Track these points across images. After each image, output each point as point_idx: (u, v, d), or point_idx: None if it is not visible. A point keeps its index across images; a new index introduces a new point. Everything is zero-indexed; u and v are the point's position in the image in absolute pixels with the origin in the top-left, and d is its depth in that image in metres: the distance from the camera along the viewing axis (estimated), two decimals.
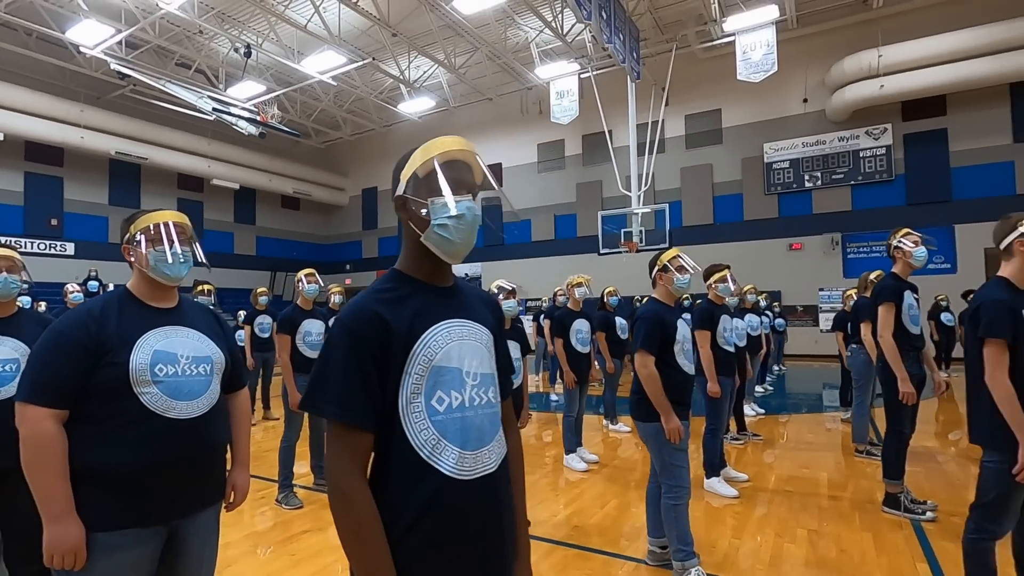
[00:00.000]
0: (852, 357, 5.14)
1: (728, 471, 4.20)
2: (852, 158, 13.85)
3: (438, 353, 1.01)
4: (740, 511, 3.60)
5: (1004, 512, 2.14)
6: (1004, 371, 2.09)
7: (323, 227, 23.17)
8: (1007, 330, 2.09)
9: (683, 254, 2.88)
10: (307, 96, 17.43)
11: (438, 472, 0.97)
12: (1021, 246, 2.19)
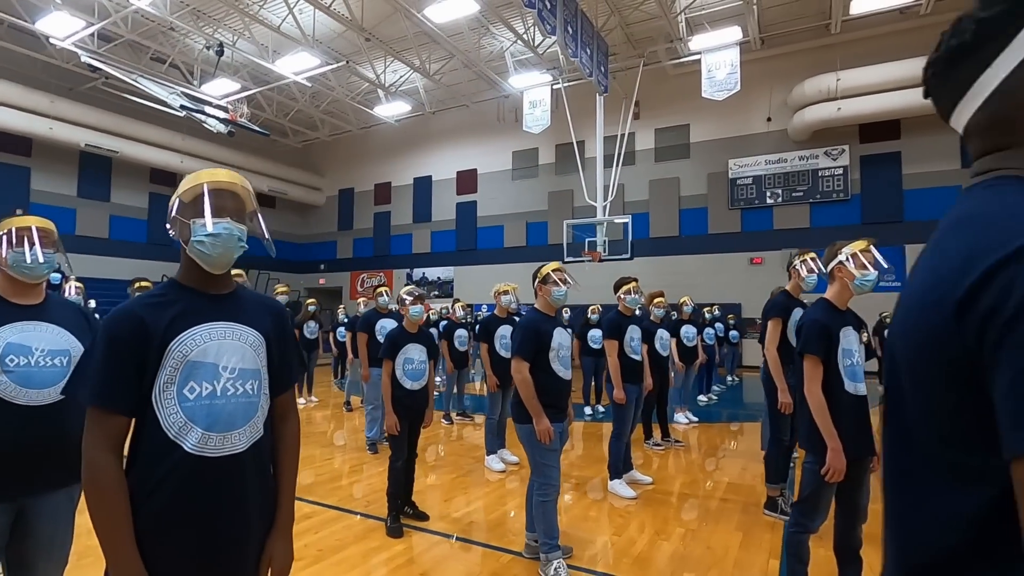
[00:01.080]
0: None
1: (633, 474, 4.42)
2: (811, 177, 14.30)
3: (195, 350, 1.19)
4: (632, 511, 3.81)
5: (815, 509, 2.38)
6: (817, 384, 2.33)
7: (299, 226, 23.17)
8: (820, 348, 2.32)
9: (565, 268, 3.08)
10: (283, 96, 17.49)
11: (181, 448, 1.15)
12: (839, 272, 2.44)
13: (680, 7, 12.78)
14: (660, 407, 5.80)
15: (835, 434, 2.26)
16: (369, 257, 21.41)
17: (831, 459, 2.25)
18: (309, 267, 22.69)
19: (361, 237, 21.76)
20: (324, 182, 22.58)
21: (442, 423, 6.98)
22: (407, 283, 20.25)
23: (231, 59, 14.77)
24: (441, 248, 19.77)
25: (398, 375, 3.39)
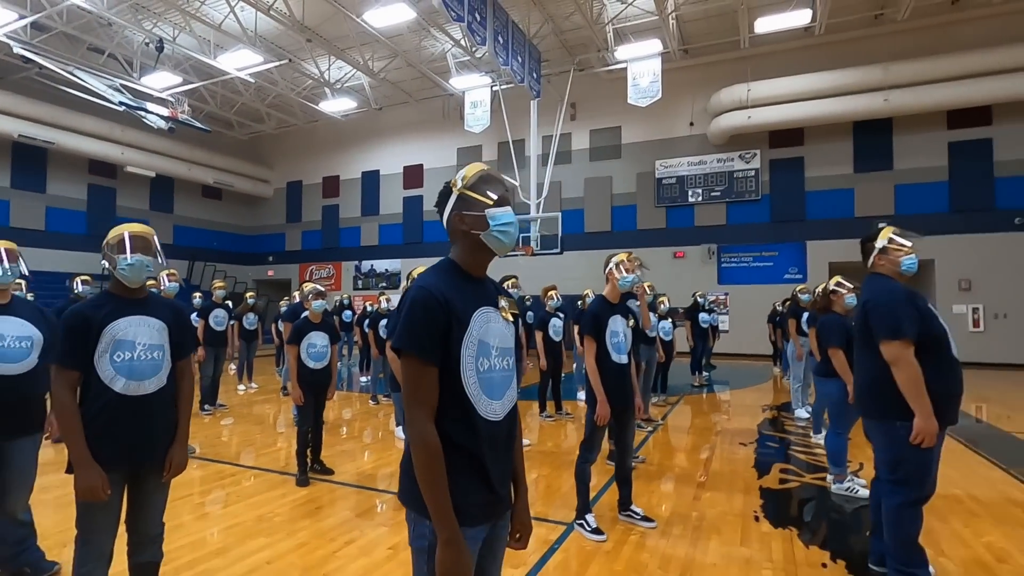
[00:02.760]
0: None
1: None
2: (728, 178, 15.59)
3: (119, 332, 1.96)
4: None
5: (592, 445, 3.32)
6: (592, 356, 3.27)
7: (246, 218, 23.20)
8: (594, 331, 3.26)
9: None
10: (227, 90, 17.60)
11: (112, 391, 1.92)
12: (610, 276, 3.38)
13: (607, 18, 13.73)
14: (555, 386, 6.75)
15: (603, 391, 3.21)
16: (318, 249, 21.74)
17: (599, 409, 3.19)
18: (257, 259, 22.82)
19: (310, 229, 22.04)
20: (272, 174, 22.68)
21: (370, 403, 7.81)
22: (355, 273, 20.74)
23: (172, 52, 14.86)
24: (389, 241, 20.31)
25: (303, 357, 4.17)
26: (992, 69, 12.49)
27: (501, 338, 1.44)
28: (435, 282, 1.36)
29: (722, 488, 4.18)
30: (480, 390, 1.36)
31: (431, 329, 1.31)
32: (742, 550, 3.09)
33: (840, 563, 2.92)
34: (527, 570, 2.87)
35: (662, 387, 7.97)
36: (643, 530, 3.37)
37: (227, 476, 4.42)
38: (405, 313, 1.33)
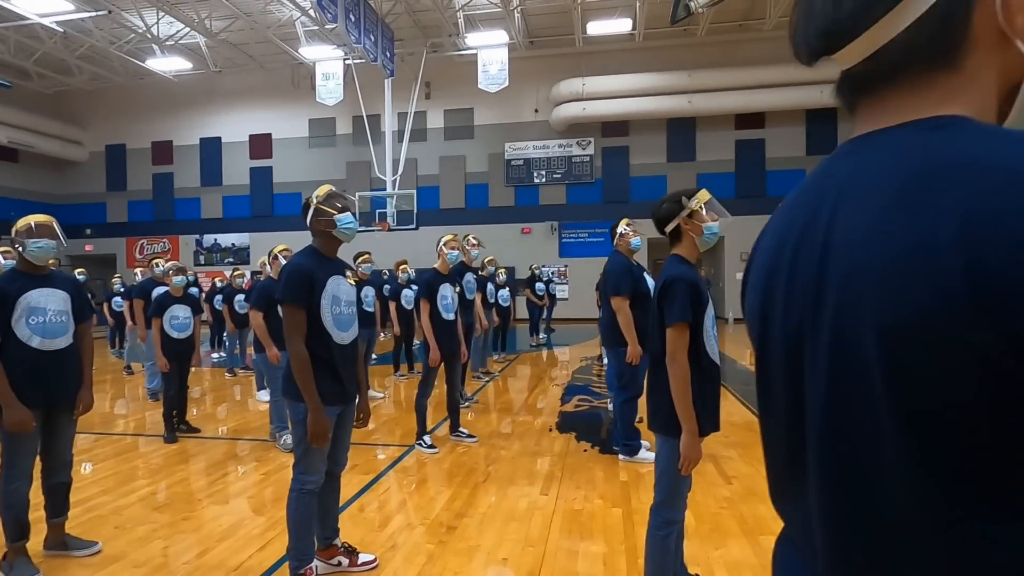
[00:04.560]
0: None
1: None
2: (568, 162, 17.42)
3: (32, 300, 2.45)
4: None
5: (428, 383, 4.27)
6: (427, 315, 4.20)
7: (54, 185, 20.26)
8: (427, 294, 4.18)
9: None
10: (23, 35, 15.21)
11: (29, 346, 2.42)
12: (441, 252, 4.32)
13: (457, 5, 14.44)
14: (407, 349, 7.64)
15: (435, 340, 4.16)
16: (149, 222, 19.84)
17: (431, 354, 4.15)
18: (72, 232, 20.01)
19: (138, 200, 19.96)
20: (85, 135, 19.98)
21: (226, 375, 8.06)
22: (196, 248, 19.40)
23: None
24: (234, 214, 19.26)
25: (166, 328, 4.56)
26: (767, 83, 15.56)
27: (347, 294, 2.32)
28: (303, 261, 2.21)
29: (532, 414, 5.46)
30: (333, 325, 2.23)
31: (301, 288, 2.15)
32: (534, 447, 4.33)
33: (595, 448, 4.27)
34: (377, 473, 3.79)
35: (502, 346, 9.24)
36: (468, 445, 4.46)
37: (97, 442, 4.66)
38: (285, 280, 2.16)
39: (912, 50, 0.48)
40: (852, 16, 0.50)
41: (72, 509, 2.83)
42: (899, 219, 0.44)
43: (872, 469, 0.46)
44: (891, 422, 0.43)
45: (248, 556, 2.67)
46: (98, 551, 2.72)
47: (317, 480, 2.27)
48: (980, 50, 0.47)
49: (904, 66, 0.49)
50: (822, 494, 0.50)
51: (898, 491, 0.44)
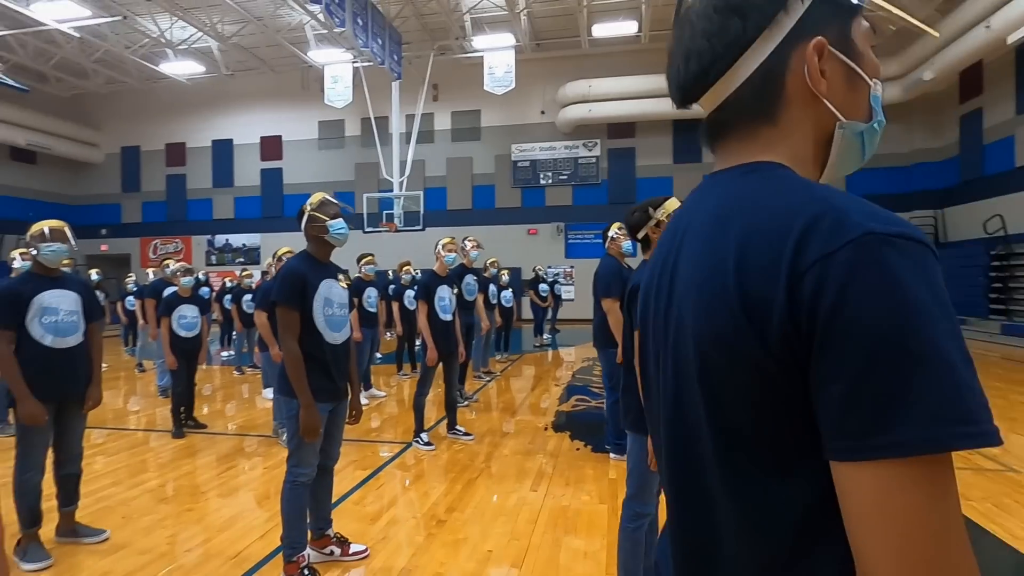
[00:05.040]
0: None
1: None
2: (574, 164, 17.51)
3: (45, 302, 2.60)
4: None
5: (426, 382, 4.38)
6: (424, 316, 4.32)
7: (70, 186, 20.69)
8: (424, 295, 4.30)
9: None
10: (42, 40, 15.58)
11: (43, 344, 2.58)
12: (439, 255, 4.43)
13: (464, 8, 14.58)
14: (409, 349, 7.77)
15: (432, 340, 4.27)
16: (162, 222, 20.20)
17: (428, 354, 4.27)
18: (87, 232, 20.48)
19: (152, 200, 20.34)
20: (101, 137, 20.39)
21: (235, 374, 8.25)
22: (208, 248, 19.72)
23: None
24: (246, 214, 19.56)
25: (174, 327, 4.72)
26: None
27: (339, 297, 2.45)
28: (297, 264, 2.34)
29: (530, 414, 5.56)
30: (326, 326, 2.36)
31: (294, 291, 2.28)
32: (529, 446, 4.44)
33: (588, 448, 4.37)
34: (375, 469, 3.92)
35: (505, 347, 9.35)
36: (464, 442, 4.57)
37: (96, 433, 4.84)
38: (279, 283, 2.29)
39: (741, 107, 0.60)
40: (695, 80, 0.62)
41: (83, 499, 2.99)
42: (707, 249, 0.55)
43: (696, 451, 0.57)
44: (705, 412, 0.54)
45: (247, 545, 2.80)
46: (106, 539, 2.87)
47: (309, 473, 2.40)
48: (794, 107, 0.58)
49: (737, 119, 0.61)
50: (667, 467, 0.63)
51: (712, 465, 0.55)
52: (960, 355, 0.42)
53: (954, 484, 0.42)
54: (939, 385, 0.40)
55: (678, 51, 0.64)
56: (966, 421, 0.40)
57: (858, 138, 0.59)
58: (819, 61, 0.56)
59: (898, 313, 0.42)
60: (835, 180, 0.65)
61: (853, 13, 0.59)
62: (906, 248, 0.44)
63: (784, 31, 0.56)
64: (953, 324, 0.43)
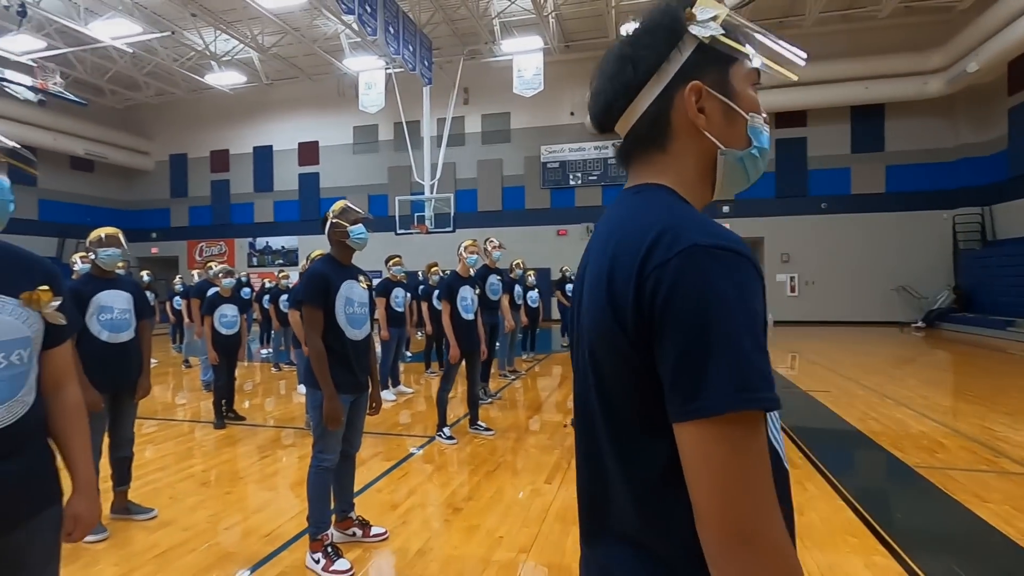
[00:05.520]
0: None
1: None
2: (603, 164, 17.50)
3: (103, 301, 2.89)
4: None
5: (449, 379, 4.57)
6: (447, 315, 4.50)
7: (124, 192, 21.90)
8: (448, 295, 4.47)
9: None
10: (98, 56, 16.58)
11: (99, 339, 2.87)
12: (460, 257, 4.61)
13: (493, 13, 14.81)
14: (437, 348, 8.00)
15: (455, 339, 4.44)
16: (208, 226, 21.16)
17: (451, 351, 4.45)
18: (139, 236, 21.67)
19: (198, 205, 21.34)
20: (152, 146, 21.53)
21: (272, 371, 8.66)
22: (249, 251, 20.54)
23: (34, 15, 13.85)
24: (284, 217, 20.30)
25: (216, 325, 5.06)
26: (808, 80, 15.17)
27: (359, 296, 2.65)
28: (321, 267, 2.55)
29: (552, 411, 5.70)
30: (347, 323, 2.56)
31: (318, 291, 2.49)
32: (547, 441, 4.57)
33: None
34: (398, 460, 4.13)
35: (531, 346, 9.49)
36: (485, 437, 4.75)
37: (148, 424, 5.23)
38: (304, 284, 2.51)
39: (639, 137, 0.74)
40: (602, 114, 0.78)
41: (134, 482, 3.29)
42: (598, 260, 0.69)
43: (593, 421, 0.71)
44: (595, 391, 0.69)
45: (279, 525, 3.04)
46: (154, 516, 3.16)
47: (333, 459, 2.61)
48: (681, 139, 0.72)
49: (636, 147, 0.75)
50: (576, 435, 0.78)
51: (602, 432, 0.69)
52: (751, 343, 0.55)
53: (755, 439, 0.56)
54: (730, 365, 0.54)
55: (592, 88, 0.78)
56: (749, 390, 0.54)
57: (739, 162, 0.72)
58: (698, 100, 0.69)
59: (707, 308, 0.56)
60: (727, 196, 0.78)
61: (731, 61, 0.72)
62: (723, 257, 0.57)
63: (668, 76, 0.70)
64: (749, 318, 0.56)
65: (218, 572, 2.57)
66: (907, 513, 3.28)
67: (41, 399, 1.25)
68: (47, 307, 1.23)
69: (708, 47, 0.69)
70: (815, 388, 6.70)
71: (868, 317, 15.45)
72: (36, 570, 1.22)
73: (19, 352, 1.17)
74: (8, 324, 1.16)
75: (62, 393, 1.32)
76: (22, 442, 1.17)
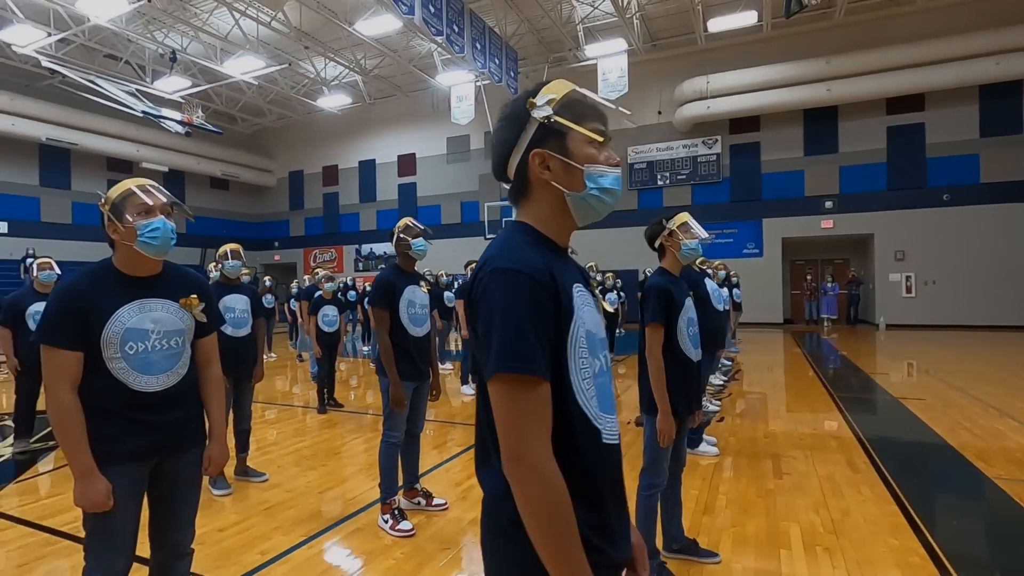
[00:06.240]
0: None
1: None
2: (692, 162, 17.09)
3: (226, 303, 3.62)
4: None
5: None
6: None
7: (252, 206, 24.77)
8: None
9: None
10: (231, 89, 19.00)
11: (224, 334, 3.59)
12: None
13: (576, 19, 15.06)
14: None
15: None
16: (320, 235, 23.35)
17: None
18: (264, 244, 24.45)
19: (312, 216, 23.62)
20: (275, 165, 24.16)
21: (371, 365, 9.58)
22: (356, 256, 22.38)
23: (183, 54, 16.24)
24: (386, 225, 21.86)
25: (320, 324, 5.86)
26: (925, 60, 13.86)
27: (421, 299, 3.12)
28: (387, 274, 3.05)
29: (623, 410, 5.90)
30: (409, 322, 3.05)
31: (385, 295, 2.99)
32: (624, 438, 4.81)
33: None
34: (467, 446, 4.59)
35: (611, 347, 9.59)
36: None
37: (270, 409, 6.16)
38: (373, 289, 3.05)
39: (513, 188, 1.04)
40: (494, 169, 1.08)
41: (254, 451, 4.03)
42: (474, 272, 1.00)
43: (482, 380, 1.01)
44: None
45: (361, 492, 3.61)
46: (266, 480, 3.86)
47: (399, 436, 3.10)
48: (537, 188, 1.01)
49: (512, 194, 1.05)
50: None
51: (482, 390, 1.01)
52: (513, 330, 0.85)
53: (521, 391, 0.84)
54: (498, 344, 0.85)
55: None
56: (507, 360, 0.84)
57: (582, 200, 0.99)
58: (543, 162, 0.99)
59: (491, 308, 0.88)
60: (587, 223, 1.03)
61: (567, 132, 0.99)
62: (503, 273, 0.89)
63: (523, 149, 1.00)
64: (514, 312, 0.85)
65: (311, 525, 3.15)
66: (963, 519, 3.18)
67: (193, 373, 1.81)
68: (196, 309, 1.79)
69: (547, 124, 0.99)
70: (908, 395, 6.30)
71: (1001, 321, 13.74)
72: (186, 489, 1.80)
73: (176, 339, 1.74)
74: (170, 320, 1.73)
75: (208, 370, 1.89)
76: (180, 400, 1.74)
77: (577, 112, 1.00)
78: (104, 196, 1.78)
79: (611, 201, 1.01)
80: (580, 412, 0.92)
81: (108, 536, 1.63)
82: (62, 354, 1.57)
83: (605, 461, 0.95)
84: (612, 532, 0.96)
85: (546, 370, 0.87)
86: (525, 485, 0.85)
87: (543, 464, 0.85)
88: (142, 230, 1.68)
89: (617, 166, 1.02)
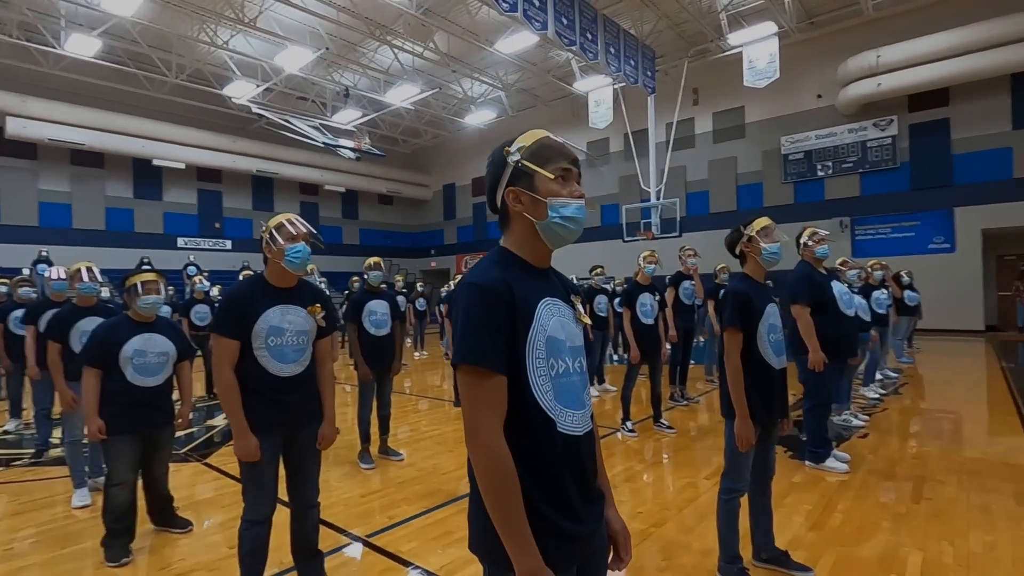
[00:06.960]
0: None
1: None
2: (860, 148, 15.16)
3: (370, 308, 4.30)
4: None
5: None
6: (628, 319, 5.03)
7: (412, 218, 27.44)
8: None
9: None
10: (393, 115, 21.33)
11: (368, 333, 4.28)
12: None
13: (719, 7, 14.32)
14: None
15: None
16: (471, 242, 25.07)
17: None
18: (422, 253, 26.92)
19: (463, 225, 25.47)
20: (431, 179, 26.51)
21: None
22: None
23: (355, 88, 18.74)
24: None
25: None
26: (945, 53, 11.06)
27: None
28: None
29: None
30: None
31: None
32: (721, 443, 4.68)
33: (788, 454, 4.38)
34: None
35: None
36: (665, 434, 5.09)
37: (422, 401, 6.99)
38: None
39: (500, 216, 1.25)
40: (488, 202, 1.30)
41: (399, 434, 4.69)
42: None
43: None
44: None
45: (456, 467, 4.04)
46: (402, 459, 4.50)
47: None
48: (514, 218, 1.22)
49: (500, 222, 1.26)
50: None
51: None
52: (469, 330, 1.08)
53: (476, 380, 1.07)
54: (459, 341, 1.09)
55: None
56: (466, 354, 1.07)
57: (547, 227, 1.19)
58: (516, 197, 1.21)
59: (456, 312, 1.13)
60: (556, 247, 1.23)
61: (533, 174, 1.20)
62: (467, 287, 1.14)
63: (503, 186, 1.23)
64: (469, 316, 1.09)
65: (432, 499, 3.66)
66: None
67: (312, 366, 2.37)
68: (318, 316, 2.33)
69: (519, 168, 1.20)
70: None
71: None
72: (309, 458, 2.36)
73: (303, 337, 2.30)
74: (300, 322, 2.30)
75: (323, 366, 2.45)
76: (302, 385, 2.30)
77: (543, 156, 1.20)
78: (265, 224, 2.38)
79: (574, 227, 1.20)
80: (535, 403, 1.12)
81: (257, 486, 2.20)
82: (226, 342, 2.18)
83: (560, 447, 1.14)
84: (571, 507, 1.14)
85: (498, 364, 1.08)
86: (477, 459, 1.07)
87: (492, 443, 1.05)
88: (289, 252, 2.24)
89: (580, 197, 1.22)
